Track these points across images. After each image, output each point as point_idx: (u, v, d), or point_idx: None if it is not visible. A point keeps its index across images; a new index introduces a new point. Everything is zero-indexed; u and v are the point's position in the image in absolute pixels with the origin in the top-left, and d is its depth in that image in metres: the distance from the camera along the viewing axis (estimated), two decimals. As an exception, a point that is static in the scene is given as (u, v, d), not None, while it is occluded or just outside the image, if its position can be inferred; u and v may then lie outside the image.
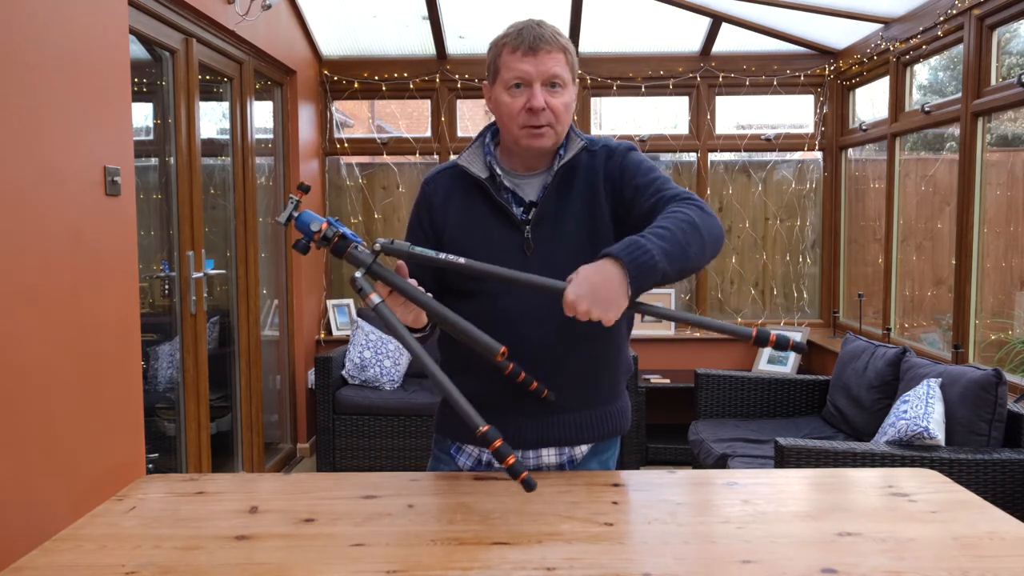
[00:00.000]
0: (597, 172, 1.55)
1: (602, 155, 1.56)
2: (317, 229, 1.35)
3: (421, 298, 1.35)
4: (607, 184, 1.54)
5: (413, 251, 1.36)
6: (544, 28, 1.48)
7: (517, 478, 1.24)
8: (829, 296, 5.05)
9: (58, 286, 2.13)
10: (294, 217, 1.37)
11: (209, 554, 1.18)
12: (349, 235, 1.37)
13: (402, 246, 1.36)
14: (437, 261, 1.37)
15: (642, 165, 1.54)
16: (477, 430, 1.25)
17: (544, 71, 1.46)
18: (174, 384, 3.25)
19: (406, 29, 4.75)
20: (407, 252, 1.36)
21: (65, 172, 2.17)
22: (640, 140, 4.98)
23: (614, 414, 1.62)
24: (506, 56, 1.48)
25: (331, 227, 1.36)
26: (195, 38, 3.27)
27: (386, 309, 1.34)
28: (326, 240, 1.36)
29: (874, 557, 1.15)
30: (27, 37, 2.02)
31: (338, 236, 1.36)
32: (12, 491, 1.93)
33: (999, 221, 3.37)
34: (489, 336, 1.39)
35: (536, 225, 1.53)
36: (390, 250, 1.36)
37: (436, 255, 1.37)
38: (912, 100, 4.07)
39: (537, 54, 1.46)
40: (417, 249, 1.36)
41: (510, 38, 1.49)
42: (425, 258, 1.36)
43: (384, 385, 4.47)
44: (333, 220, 1.38)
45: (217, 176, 3.75)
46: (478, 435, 1.25)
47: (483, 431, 1.25)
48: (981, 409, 2.68)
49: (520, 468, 1.24)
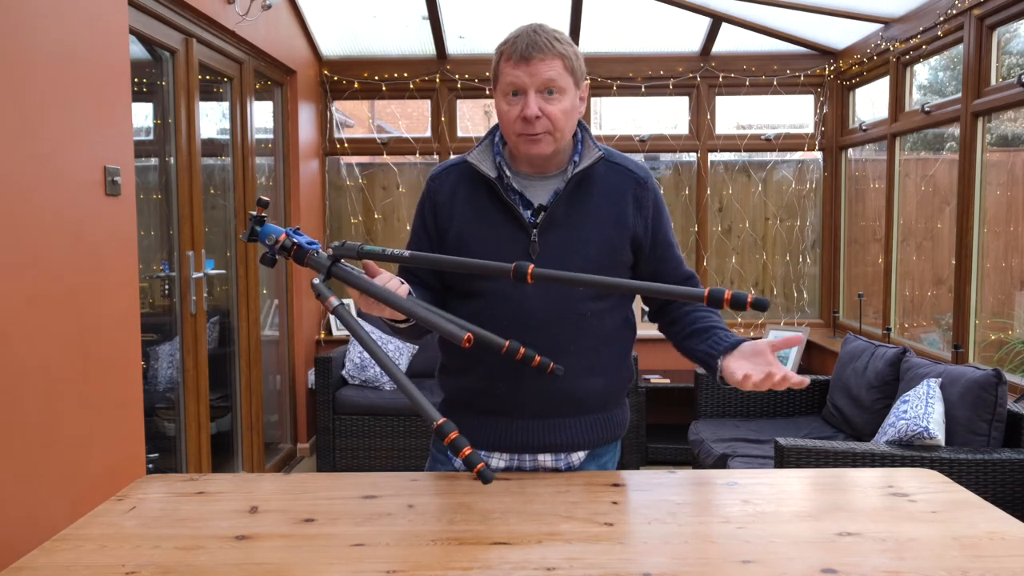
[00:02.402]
0: (624, 193, 1.55)
1: (630, 180, 1.57)
2: (274, 241, 1.39)
3: (383, 294, 1.35)
4: (639, 214, 1.56)
5: (363, 250, 1.38)
6: (540, 35, 1.46)
7: (473, 470, 1.23)
8: (829, 296, 5.05)
9: (58, 286, 2.13)
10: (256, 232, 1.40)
11: (209, 554, 1.18)
12: (306, 244, 1.40)
13: (353, 246, 1.38)
14: (385, 257, 1.38)
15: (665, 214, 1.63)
16: (433, 423, 1.25)
17: (538, 79, 1.45)
18: (174, 384, 3.25)
19: (406, 29, 4.75)
20: (357, 251, 1.38)
21: (65, 172, 2.17)
22: (640, 140, 4.98)
23: (611, 421, 1.61)
24: (503, 64, 1.48)
25: (289, 237, 1.39)
26: (195, 38, 3.27)
27: (344, 311, 1.37)
28: (285, 250, 1.39)
29: (874, 557, 1.15)
30: (27, 37, 2.02)
31: (296, 246, 1.39)
32: (12, 491, 1.93)
33: (999, 221, 3.37)
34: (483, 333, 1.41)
35: (544, 230, 1.52)
36: (342, 251, 1.38)
37: (383, 251, 1.38)
38: (912, 100, 4.07)
39: (530, 62, 1.44)
40: (367, 248, 1.39)
41: (507, 45, 1.48)
42: (373, 254, 1.38)
43: (384, 385, 4.47)
44: (291, 231, 1.40)
45: (217, 176, 3.75)
46: (433, 428, 1.25)
47: (439, 424, 1.25)
48: (981, 409, 2.68)
49: (476, 459, 1.23)
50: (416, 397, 1.28)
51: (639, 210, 1.55)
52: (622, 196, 1.55)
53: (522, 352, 1.45)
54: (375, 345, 1.31)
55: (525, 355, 1.46)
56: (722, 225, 5.10)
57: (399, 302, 1.34)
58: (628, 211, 1.54)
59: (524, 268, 1.30)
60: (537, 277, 1.30)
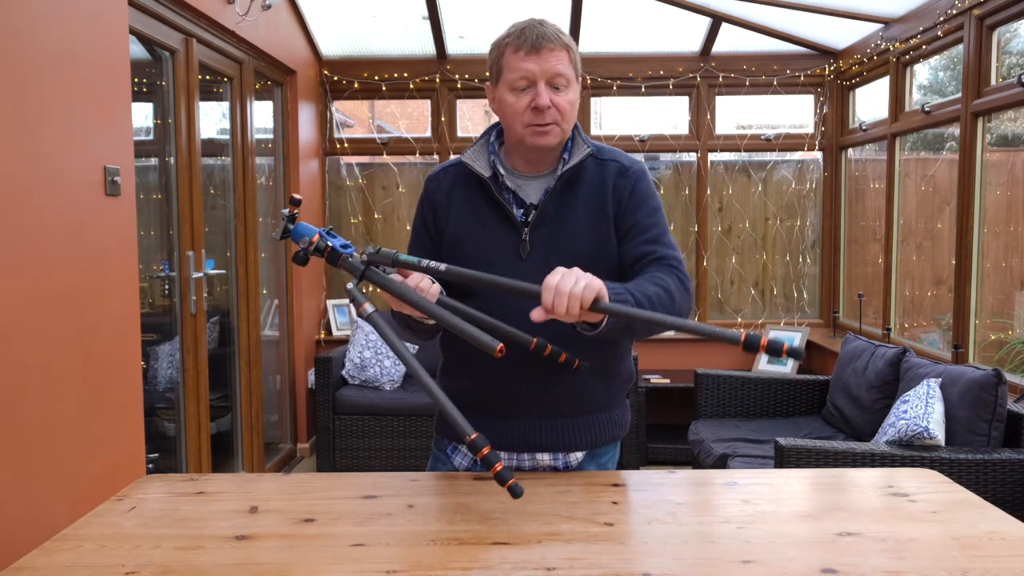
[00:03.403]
0: (605, 185, 1.54)
1: (613, 169, 1.55)
2: (309, 242, 1.39)
3: (419, 301, 1.35)
4: (614, 200, 1.53)
5: (398, 258, 1.38)
6: (546, 27, 1.48)
7: (504, 485, 1.23)
8: (829, 296, 5.05)
9: (58, 286, 2.13)
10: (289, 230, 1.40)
11: (209, 554, 1.18)
12: (339, 247, 1.40)
13: (388, 254, 1.38)
14: (419, 268, 1.38)
15: (648, 201, 1.54)
16: (466, 437, 1.25)
17: (548, 70, 1.46)
18: (174, 384, 3.25)
19: (406, 29, 4.75)
20: (392, 259, 1.38)
21: (65, 172, 2.17)
22: (640, 140, 4.98)
23: (611, 421, 1.61)
24: (509, 56, 1.48)
25: (323, 239, 1.39)
26: (195, 38, 3.27)
27: (379, 317, 1.36)
28: (319, 251, 1.40)
29: (874, 557, 1.15)
30: (27, 37, 2.02)
31: (329, 248, 1.39)
32: (12, 491, 1.93)
33: (999, 221, 3.37)
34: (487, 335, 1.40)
35: (535, 228, 1.53)
36: (376, 258, 1.38)
37: (419, 262, 1.38)
38: (912, 100, 4.07)
39: (540, 52, 1.45)
40: (402, 257, 1.38)
41: (512, 38, 1.48)
42: (408, 264, 1.38)
43: (384, 385, 4.47)
44: (324, 232, 1.41)
45: (217, 176, 3.75)
46: (467, 442, 1.25)
47: (472, 439, 1.25)
48: (981, 409, 2.68)
49: (507, 475, 1.23)
50: (449, 410, 1.29)
51: (614, 193, 1.54)
52: (605, 189, 1.54)
53: (549, 349, 1.46)
54: (409, 355, 1.31)
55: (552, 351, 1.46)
56: (722, 225, 5.10)
57: (433, 310, 1.34)
58: (608, 198, 1.54)
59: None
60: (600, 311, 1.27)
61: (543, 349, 1.45)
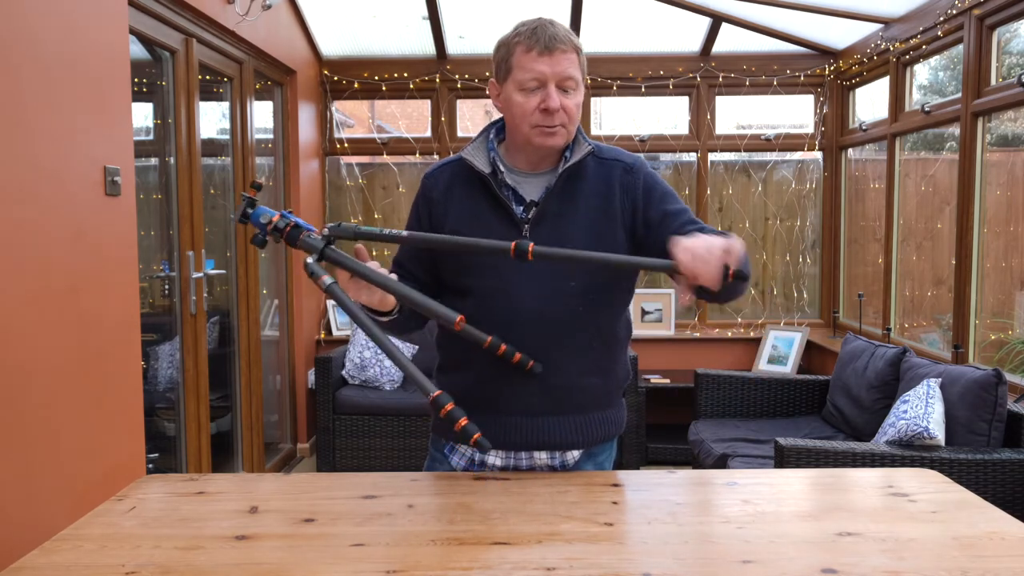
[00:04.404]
0: (611, 184, 1.55)
1: (617, 168, 1.56)
2: (267, 221, 1.41)
3: (377, 278, 1.37)
4: (626, 199, 1.54)
5: (360, 230, 1.40)
6: (557, 27, 1.48)
7: (470, 441, 1.29)
8: (829, 296, 5.05)
9: (58, 286, 2.13)
10: (248, 214, 1.41)
11: (209, 554, 1.18)
12: (301, 224, 1.41)
13: (349, 227, 1.40)
14: (382, 237, 1.40)
15: (668, 192, 1.57)
16: (429, 395, 1.29)
17: (559, 72, 1.46)
18: (174, 384, 3.25)
19: (406, 29, 4.75)
20: (353, 231, 1.40)
21: (65, 172, 2.17)
22: (640, 140, 4.98)
23: (607, 420, 1.61)
24: (520, 55, 1.47)
25: (283, 218, 1.41)
26: (195, 38, 3.27)
27: (338, 289, 1.38)
28: (278, 231, 1.41)
29: (874, 557, 1.15)
30: (27, 37, 2.02)
31: (289, 226, 1.40)
32: (13, 491, 1.93)
33: (999, 221, 3.37)
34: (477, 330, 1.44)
35: (535, 225, 1.53)
36: (338, 232, 1.40)
37: (380, 231, 1.41)
38: (912, 100, 4.07)
39: (553, 54, 1.45)
40: (364, 228, 1.41)
41: (523, 37, 1.47)
42: (371, 235, 1.40)
43: (384, 385, 4.47)
44: (286, 212, 1.42)
45: (217, 176, 3.75)
46: (429, 400, 1.29)
47: (434, 396, 1.29)
48: (981, 409, 2.68)
49: (472, 430, 1.29)
50: (410, 370, 1.33)
51: (626, 195, 1.55)
52: (610, 186, 1.55)
53: (503, 348, 1.46)
54: (369, 321, 1.33)
55: (506, 352, 1.46)
56: (722, 225, 5.09)
57: (391, 284, 1.36)
58: (616, 200, 1.54)
59: (525, 246, 1.32)
60: (538, 255, 1.32)
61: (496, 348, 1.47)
